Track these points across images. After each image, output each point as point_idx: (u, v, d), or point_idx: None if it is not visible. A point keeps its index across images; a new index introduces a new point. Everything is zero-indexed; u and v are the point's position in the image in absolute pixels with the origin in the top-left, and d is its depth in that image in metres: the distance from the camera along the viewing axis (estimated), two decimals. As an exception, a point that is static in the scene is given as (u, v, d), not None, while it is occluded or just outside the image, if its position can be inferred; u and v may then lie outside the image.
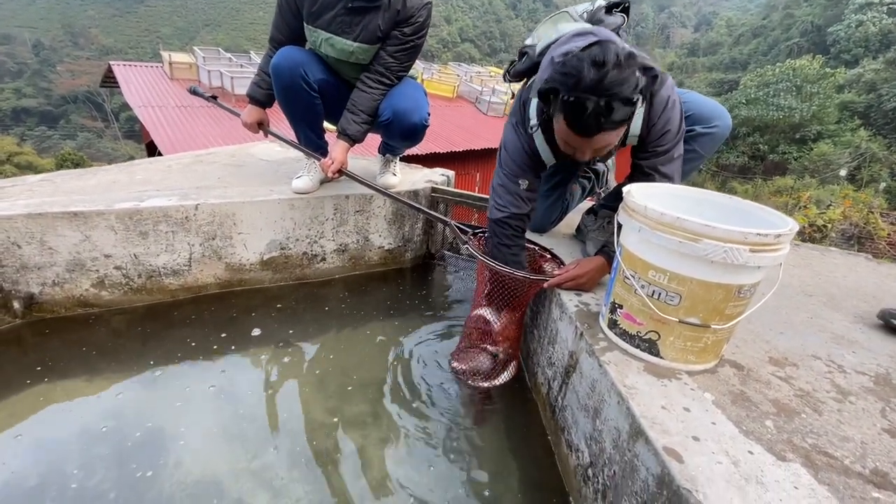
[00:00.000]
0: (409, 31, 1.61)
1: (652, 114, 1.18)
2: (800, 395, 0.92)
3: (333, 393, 1.33)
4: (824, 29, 33.38)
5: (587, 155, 1.11)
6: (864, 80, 25.29)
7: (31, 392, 1.24)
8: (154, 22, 76.13)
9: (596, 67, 0.94)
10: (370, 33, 1.59)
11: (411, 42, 1.64)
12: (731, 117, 1.39)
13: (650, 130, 1.20)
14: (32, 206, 1.45)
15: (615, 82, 0.94)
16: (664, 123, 1.19)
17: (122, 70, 10.94)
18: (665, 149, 1.22)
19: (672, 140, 1.21)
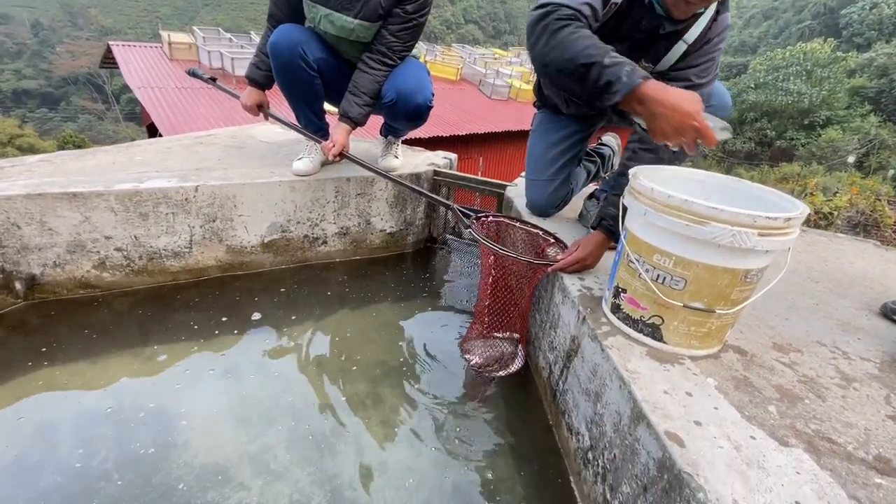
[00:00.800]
0: (412, 8, 1.56)
1: (713, 28, 1.13)
2: (803, 381, 0.91)
3: (335, 375, 1.33)
4: (837, 11, 32.58)
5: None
6: (875, 64, 24.77)
7: (34, 374, 1.25)
8: (153, 2, 74.88)
9: None
10: (371, 10, 1.54)
11: (413, 20, 1.59)
12: (730, 96, 1.35)
13: (701, 47, 1.15)
14: (31, 187, 1.44)
15: None
16: (715, 50, 1.14)
17: (122, 50, 10.80)
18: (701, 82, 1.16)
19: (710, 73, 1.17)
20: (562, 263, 1.23)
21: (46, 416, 1.13)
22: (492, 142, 10.20)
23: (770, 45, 35.80)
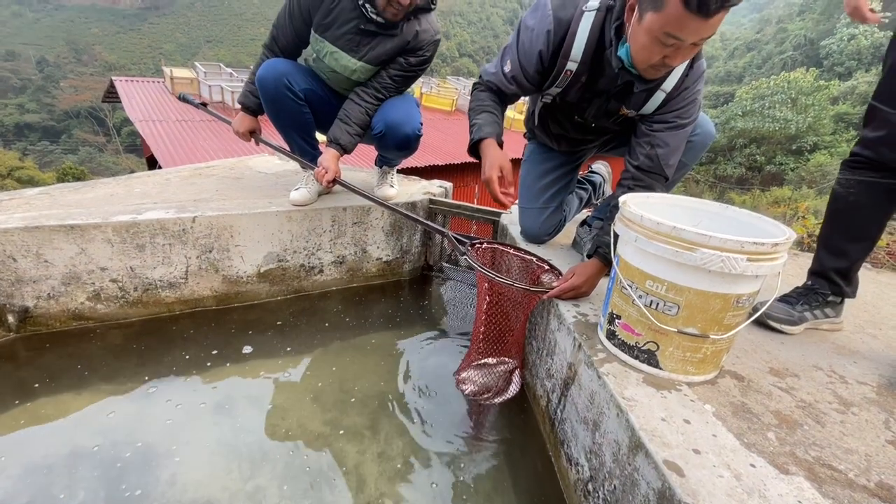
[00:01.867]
0: (415, 61, 1.65)
1: (689, 76, 1.16)
2: (802, 407, 0.91)
3: (331, 407, 1.31)
4: (817, 42, 33.91)
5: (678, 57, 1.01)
6: (857, 91, 25.59)
7: (23, 410, 1.22)
8: (157, 38, 77.29)
9: None
10: (376, 56, 1.62)
11: (413, 71, 1.68)
12: (713, 126, 1.39)
13: (679, 94, 1.18)
14: (29, 219, 1.45)
15: None
16: (694, 93, 1.17)
17: (124, 85, 11.06)
18: (683, 122, 1.20)
19: (692, 115, 1.20)
20: (557, 290, 1.24)
21: (32, 456, 1.10)
22: (487, 170, 10.34)
23: (755, 74, 37.07)
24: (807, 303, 1.22)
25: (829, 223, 1.23)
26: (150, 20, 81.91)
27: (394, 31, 1.59)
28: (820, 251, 1.25)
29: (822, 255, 1.24)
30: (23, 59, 62.75)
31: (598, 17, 1.13)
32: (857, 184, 1.12)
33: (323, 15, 1.60)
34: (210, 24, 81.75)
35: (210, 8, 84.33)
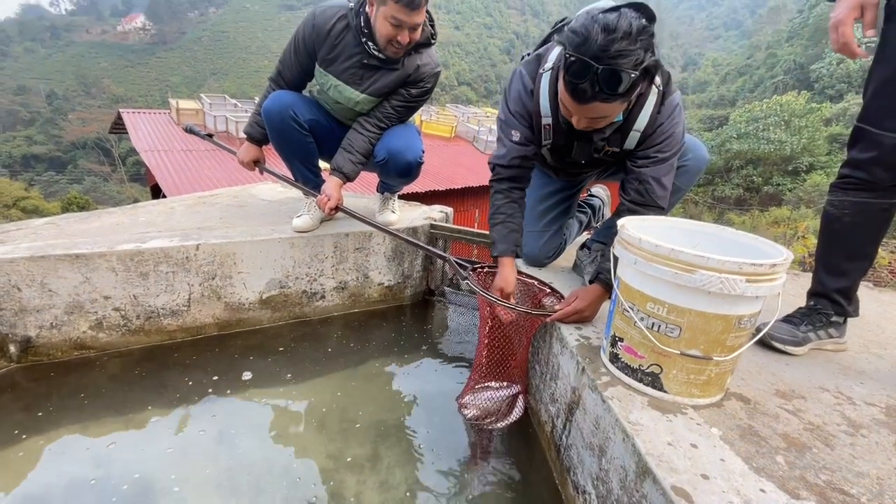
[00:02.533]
0: (416, 92, 1.71)
1: (661, 113, 1.17)
2: (810, 429, 0.90)
3: (332, 436, 1.29)
4: (807, 66, 34.74)
5: (582, 123, 1.09)
6: (849, 113, 26.04)
7: (22, 441, 1.21)
8: (164, 71, 79.55)
9: (605, 33, 0.91)
10: (378, 89, 1.68)
11: (415, 101, 1.74)
12: (706, 150, 1.42)
13: (655, 131, 1.19)
14: (35, 249, 1.46)
15: (618, 53, 0.91)
16: (671, 126, 1.18)
17: (131, 117, 11.32)
18: (666, 156, 1.21)
19: (674, 148, 1.21)
20: (560, 314, 1.24)
21: (29, 488, 1.08)
22: (487, 194, 10.46)
23: (747, 98, 37.83)
24: (810, 323, 1.22)
25: (827, 244, 1.24)
26: (158, 54, 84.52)
27: (395, 65, 1.65)
28: (819, 272, 1.25)
29: (823, 276, 1.24)
30: (33, 92, 64.47)
31: (553, 75, 1.20)
32: (850, 204, 1.14)
33: (327, 50, 1.66)
34: (215, 57, 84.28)
35: (216, 42, 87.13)
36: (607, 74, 0.93)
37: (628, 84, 0.96)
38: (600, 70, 0.93)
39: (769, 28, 62.90)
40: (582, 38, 0.94)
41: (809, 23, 38.73)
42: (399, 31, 1.52)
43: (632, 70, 0.94)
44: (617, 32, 0.91)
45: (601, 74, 0.93)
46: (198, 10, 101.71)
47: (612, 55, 0.92)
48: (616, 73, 0.93)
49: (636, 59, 0.94)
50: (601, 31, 0.92)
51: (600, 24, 0.92)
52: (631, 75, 0.94)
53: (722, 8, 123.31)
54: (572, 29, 0.97)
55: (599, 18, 0.93)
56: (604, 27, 0.92)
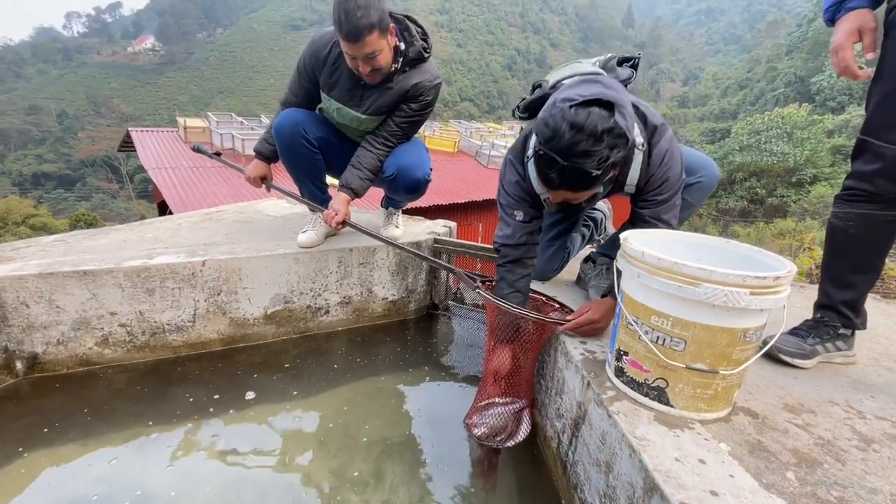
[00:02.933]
0: (416, 107, 1.72)
1: (651, 165, 1.21)
2: (820, 444, 0.88)
3: (336, 453, 1.28)
4: (807, 79, 34.94)
5: (556, 199, 1.16)
6: (852, 125, 26.07)
7: (26, 456, 1.21)
8: (172, 91, 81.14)
9: (572, 131, 0.97)
10: (379, 108, 1.70)
11: (417, 116, 1.75)
12: (717, 166, 1.43)
13: (648, 180, 1.23)
14: (44, 266, 1.48)
15: (583, 153, 0.97)
16: (663, 173, 1.22)
17: (139, 135, 11.52)
18: (665, 197, 1.24)
19: (672, 189, 1.23)
20: (573, 323, 1.24)
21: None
22: (490, 208, 10.52)
23: (748, 111, 38.01)
24: (818, 336, 1.21)
25: (832, 256, 1.23)
26: (167, 74, 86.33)
27: (389, 84, 1.66)
28: (826, 284, 1.25)
29: (829, 289, 1.24)
30: (44, 112, 65.83)
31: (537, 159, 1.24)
32: (855, 216, 1.14)
33: (328, 74, 1.70)
34: (222, 76, 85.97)
35: (223, 61, 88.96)
36: (572, 171, 0.99)
37: (590, 182, 1.01)
38: (566, 166, 0.99)
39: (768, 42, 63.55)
40: (551, 132, 0.99)
41: (808, 36, 39.09)
42: (355, 62, 1.53)
43: (595, 169, 0.99)
44: (583, 132, 0.96)
45: (566, 170, 0.99)
46: (206, 30, 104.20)
47: (576, 154, 0.97)
48: (580, 171, 0.99)
49: (600, 158, 0.98)
50: (569, 128, 0.97)
51: (569, 121, 0.97)
52: (593, 174, 0.99)
53: (721, 23, 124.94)
54: (544, 122, 1.03)
55: (569, 115, 0.98)
56: (571, 124, 0.97)
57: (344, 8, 1.40)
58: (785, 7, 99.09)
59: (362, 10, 1.39)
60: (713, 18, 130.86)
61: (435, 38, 56.27)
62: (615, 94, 1.13)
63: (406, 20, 1.63)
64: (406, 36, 1.61)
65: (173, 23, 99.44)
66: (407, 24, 1.62)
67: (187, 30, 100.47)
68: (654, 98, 75.70)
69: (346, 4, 1.40)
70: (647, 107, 1.23)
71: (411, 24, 1.64)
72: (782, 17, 76.11)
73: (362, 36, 1.43)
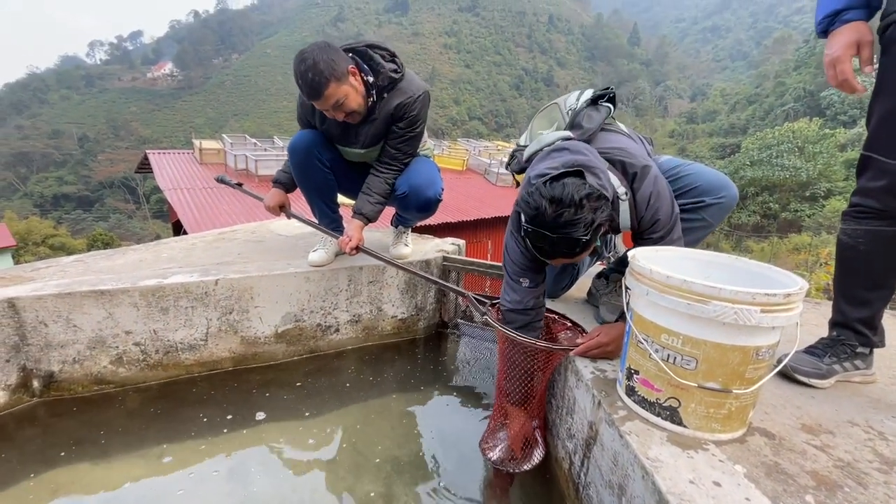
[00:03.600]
0: (404, 125, 1.73)
1: (637, 209, 1.23)
2: (840, 466, 0.86)
3: (346, 474, 1.27)
4: (817, 94, 34.82)
5: (558, 264, 1.23)
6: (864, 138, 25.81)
7: (40, 479, 1.22)
8: (188, 114, 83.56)
9: (553, 206, 1.01)
10: (372, 139, 1.75)
11: (409, 134, 1.76)
12: (735, 186, 1.42)
13: (640, 221, 1.24)
14: (63, 286, 1.52)
15: (568, 223, 1.00)
16: (652, 213, 1.23)
17: (157, 157, 11.84)
18: (661, 235, 1.24)
19: (665, 226, 1.24)
20: (583, 347, 1.23)
21: (45, 525, 1.08)
22: (499, 226, 10.54)
23: (758, 126, 37.88)
24: (834, 354, 1.18)
25: (844, 274, 1.21)
26: (184, 98, 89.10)
27: (373, 115, 1.69)
28: (839, 302, 1.22)
29: (843, 307, 1.21)
30: (66, 136, 68.11)
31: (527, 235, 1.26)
32: (864, 233, 1.13)
33: (319, 122, 1.77)
34: (237, 99, 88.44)
35: (238, 85, 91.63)
36: (562, 242, 1.03)
37: (582, 245, 1.04)
38: (556, 238, 1.03)
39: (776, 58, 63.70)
40: (534, 210, 1.04)
41: (816, 51, 39.11)
42: (330, 113, 1.58)
43: (584, 235, 1.02)
44: (563, 204, 1.00)
45: (558, 242, 1.03)
46: (222, 56, 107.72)
47: (562, 225, 1.01)
48: (569, 240, 1.02)
49: (586, 223, 1.01)
50: (549, 204, 1.01)
51: (546, 197, 1.02)
52: (583, 239, 1.03)
53: (727, 40, 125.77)
54: (525, 200, 1.07)
55: (545, 191, 1.02)
56: (550, 199, 1.01)
57: (298, 72, 1.49)
58: (791, 24, 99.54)
59: (312, 69, 1.46)
60: (719, 36, 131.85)
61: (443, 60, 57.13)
62: (583, 158, 1.15)
63: (368, 50, 1.63)
64: (372, 65, 1.63)
65: (191, 49, 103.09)
66: (370, 55, 1.63)
67: (204, 55, 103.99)
68: (661, 115, 75.94)
69: (299, 68, 1.48)
70: (625, 152, 1.23)
71: (375, 51, 1.64)
72: (789, 34, 76.43)
73: (321, 92, 1.49)
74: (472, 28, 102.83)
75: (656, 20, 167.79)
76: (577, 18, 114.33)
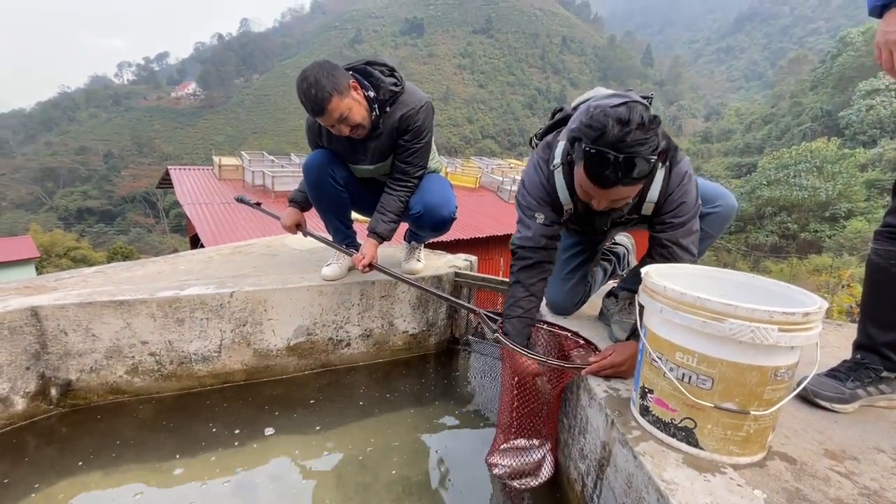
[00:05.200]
0: (410, 136, 1.75)
1: (671, 183, 1.22)
2: (865, 495, 0.82)
3: (354, 492, 1.26)
4: (835, 113, 34.42)
5: (602, 204, 1.15)
6: (886, 158, 25.33)
7: (54, 488, 1.23)
8: (209, 132, 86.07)
9: (620, 125, 1.00)
10: (379, 154, 1.78)
11: (415, 147, 1.77)
12: (734, 198, 1.41)
13: (667, 199, 1.23)
14: (84, 296, 1.56)
15: (637, 141, 0.99)
16: (681, 194, 1.22)
17: (177, 173, 12.18)
18: (682, 220, 1.23)
19: (689, 212, 1.24)
20: (595, 366, 1.21)
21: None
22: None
23: (774, 145, 37.47)
24: (857, 379, 1.14)
25: (874, 296, 1.18)
26: (205, 116, 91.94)
27: (378, 131, 1.72)
28: (867, 325, 1.19)
29: (870, 329, 1.17)
30: (92, 152, 70.57)
31: (566, 169, 1.27)
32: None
33: (327, 143, 1.81)
34: (256, 117, 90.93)
35: (257, 104, 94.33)
36: (628, 162, 1.01)
37: (647, 169, 1.04)
38: (621, 158, 1.01)
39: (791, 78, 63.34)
40: (599, 131, 1.02)
41: (833, 72, 38.83)
42: (335, 129, 1.61)
43: (650, 156, 1.02)
44: (631, 124, 1.00)
45: (622, 162, 1.01)
46: (243, 76, 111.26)
47: (629, 145, 1.00)
48: (635, 160, 1.01)
49: (652, 146, 1.02)
50: (616, 123, 1.01)
51: (613, 117, 1.01)
52: (650, 160, 1.02)
53: (741, 61, 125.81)
54: (586, 124, 1.06)
55: (611, 112, 1.02)
56: (618, 120, 1.01)
57: (301, 90, 1.53)
58: (806, 44, 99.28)
59: (314, 86, 1.50)
60: (733, 56, 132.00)
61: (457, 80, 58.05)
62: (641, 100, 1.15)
63: (367, 67, 1.67)
64: (372, 82, 1.66)
65: (214, 70, 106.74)
66: (369, 71, 1.67)
67: (226, 76, 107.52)
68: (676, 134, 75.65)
69: (302, 86, 1.52)
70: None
71: (374, 67, 1.68)
72: (804, 54, 76.10)
73: (325, 108, 1.52)
74: (486, 49, 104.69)
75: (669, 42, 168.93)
76: (590, 40, 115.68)
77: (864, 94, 31.38)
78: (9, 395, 1.45)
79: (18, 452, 1.36)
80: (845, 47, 39.08)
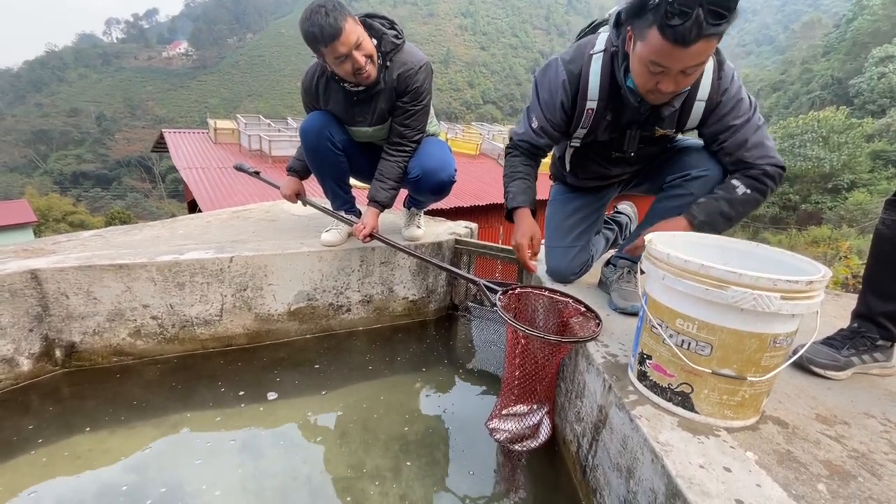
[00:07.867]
0: (408, 98, 1.70)
1: (723, 79, 1.16)
2: (854, 457, 0.85)
3: (355, 449, 1.30)
4: (845, 81, 33.56)
5: (670, 84, 1.05)
6: (893, 129, 24.91)
7: (59, 446, 1.26)
8: (203, 94, 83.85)
9: None
10: (379, 115, 1.73)
11: (414, 109, 1.73)
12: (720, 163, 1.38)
13: (722, 97, 1.17)
14: (83, 259, 1.55)
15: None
16: (736, 91, 1.16)
17: (172, 136, 11.94)
18: (744, 119, 1.17)
19: (747, 111, 1.17)
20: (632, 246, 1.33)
21: (64, 492, 1.13)
22: (512, 211, 10.44)
23: (782, 114, 36.72)
24: (853, 346, 1.16)
25: (876, 265, 1.17)
26: (199, 78, 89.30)
27: (379, 87, 1.66)
28: (867, 294, 1.19)
29: (870, 299, 1.18)
30: (84, 114, 68.96)
31: (606, 58, 1.20)
32: None
33: (324, 103, 1.76)
34: (251, 79, 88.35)
35: (252, 65, 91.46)
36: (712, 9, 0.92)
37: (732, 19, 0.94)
38: (705, 6, 0.92)
39: (803, 43, 61.30)
40: None
41: (847, 37, 37.56)
42: (347, 64, 1.53)
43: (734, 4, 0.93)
44: None
45: (706, 11, 0.92)
46: (236, 35, 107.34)
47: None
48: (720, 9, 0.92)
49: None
50: None
51: None
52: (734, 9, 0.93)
53: (753, 24, 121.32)
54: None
55: None
56: None
57: (311, 21, 1.45)
58: (821, 7, 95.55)
59: (330, 11, 1.44)
60: (745, 19, 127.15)
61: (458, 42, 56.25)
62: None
63: (367, 19, 1.63)
64: (373, 33, 1.62)
65: (206, 28, 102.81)
66: (369, 23, 1.63)
67: (219, 35, 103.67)
68: (681, 101, 73.80)
69: (312, 17, 1.45)
70: None
71: (374, 20, 1.65)
72: (818, 18, 73.37)
73: (342, 30, 1.45)
74: (489, 9, 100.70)
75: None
76: (596, 0, 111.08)
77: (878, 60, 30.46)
78: (14, 356, 1.47)
79: (25, 409, 1.39)
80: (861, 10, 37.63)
